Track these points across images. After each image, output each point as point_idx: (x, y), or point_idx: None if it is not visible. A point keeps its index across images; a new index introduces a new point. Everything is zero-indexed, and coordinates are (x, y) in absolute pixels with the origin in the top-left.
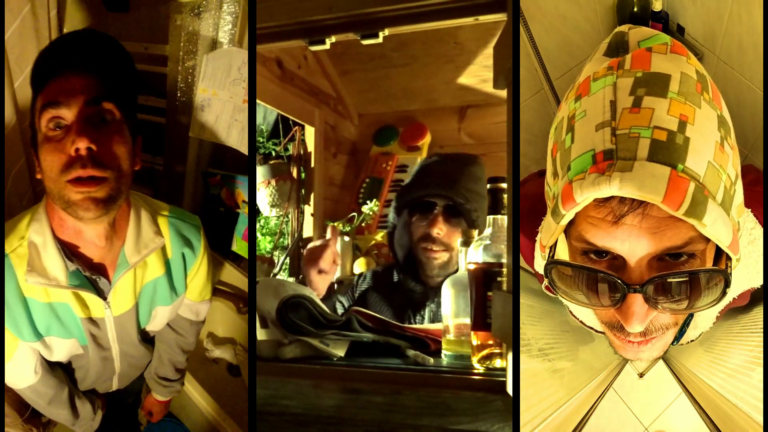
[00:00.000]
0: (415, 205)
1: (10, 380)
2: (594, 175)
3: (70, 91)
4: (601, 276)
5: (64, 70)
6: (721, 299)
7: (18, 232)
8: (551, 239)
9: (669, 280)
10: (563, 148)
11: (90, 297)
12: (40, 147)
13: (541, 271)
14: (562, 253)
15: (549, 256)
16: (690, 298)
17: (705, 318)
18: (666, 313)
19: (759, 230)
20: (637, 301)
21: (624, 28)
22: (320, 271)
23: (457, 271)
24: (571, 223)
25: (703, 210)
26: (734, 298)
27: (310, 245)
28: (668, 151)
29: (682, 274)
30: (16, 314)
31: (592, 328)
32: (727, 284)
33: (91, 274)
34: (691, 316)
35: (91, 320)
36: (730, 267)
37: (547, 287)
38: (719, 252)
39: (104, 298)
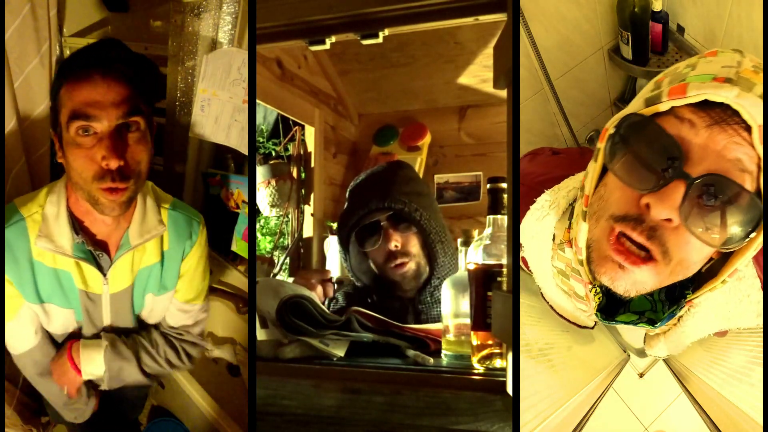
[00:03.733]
0: (361, 230)
1: (11, 342)
2: (715, 83)
3: (101, 104)
4: (671, 151)
5: (95, 74)
6: (745, 238)
7: (38, 200)
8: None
9: (722, 178)
10: (678, 75)
11: (90, 270)
12: (67, 147)
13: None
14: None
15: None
16: (725, 215)
17: (677, 343)
18: (683, 221)
19: (749, 269)
20: (679, 189)
21: None
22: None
23: (431, 275)
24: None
25: None
26: (715, 333)
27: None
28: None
29: (734, 184)
30: (24, 274)
31: (570, 320)
32: (758, 224)
33: (94, 249)
34: (684, 298)
35: (88, 295)
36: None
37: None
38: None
39: (104, 274)
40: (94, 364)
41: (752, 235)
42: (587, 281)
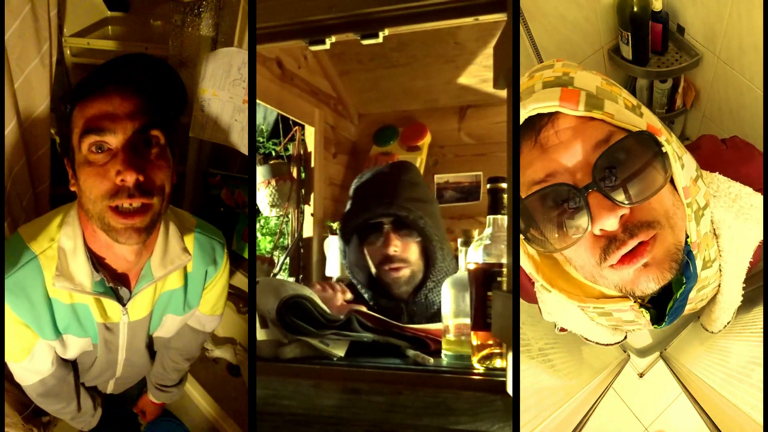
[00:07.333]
0: (363, 229)
1: (22, 377)
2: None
3: (115, 117)
4: (560, 192)
5: (110, 88)
6: (665, 169)
7: (48, 233)
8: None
9: (604, 156)
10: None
11: (109, 303)
12: (79, 167)
13: (549, 317)
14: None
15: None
16: (634, 171)
17: (731, 293)
18: (628, 204)
19: (737, 187)
20: (597, 197)
21: None
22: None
23: (427, 280)
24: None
25: (601, 104)
26: (750, 261)
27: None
28: (557, 83)
29: (614, 147)
30: (40, 314)
31: (609, 343)
32: (658, 144)
33: (114, 284)
34: (690, 258)
35: (106, 326)
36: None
37: (561, 329)
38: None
39: (123, 305)
40: None
41: (677, 156)
42: (631, 305)
